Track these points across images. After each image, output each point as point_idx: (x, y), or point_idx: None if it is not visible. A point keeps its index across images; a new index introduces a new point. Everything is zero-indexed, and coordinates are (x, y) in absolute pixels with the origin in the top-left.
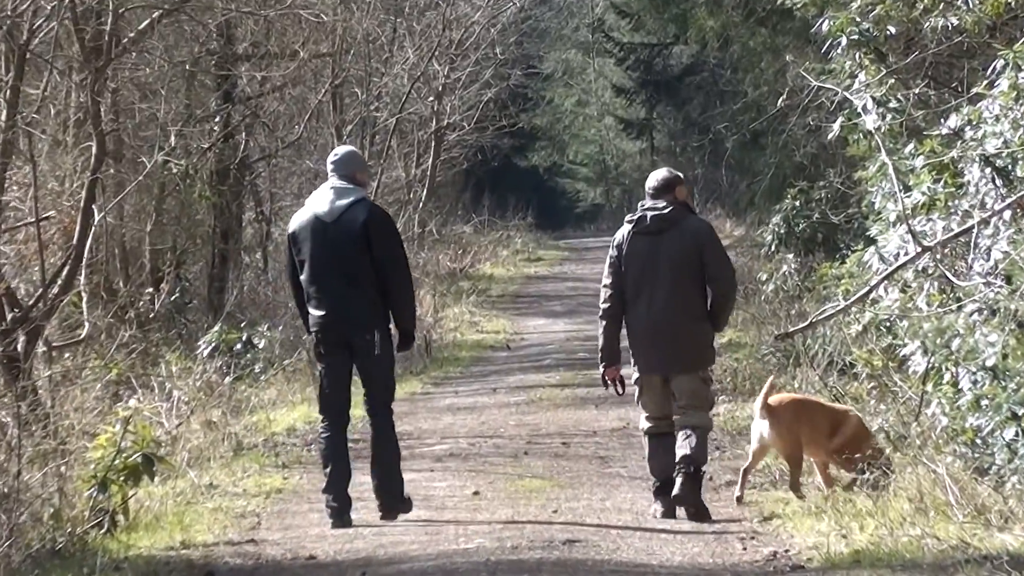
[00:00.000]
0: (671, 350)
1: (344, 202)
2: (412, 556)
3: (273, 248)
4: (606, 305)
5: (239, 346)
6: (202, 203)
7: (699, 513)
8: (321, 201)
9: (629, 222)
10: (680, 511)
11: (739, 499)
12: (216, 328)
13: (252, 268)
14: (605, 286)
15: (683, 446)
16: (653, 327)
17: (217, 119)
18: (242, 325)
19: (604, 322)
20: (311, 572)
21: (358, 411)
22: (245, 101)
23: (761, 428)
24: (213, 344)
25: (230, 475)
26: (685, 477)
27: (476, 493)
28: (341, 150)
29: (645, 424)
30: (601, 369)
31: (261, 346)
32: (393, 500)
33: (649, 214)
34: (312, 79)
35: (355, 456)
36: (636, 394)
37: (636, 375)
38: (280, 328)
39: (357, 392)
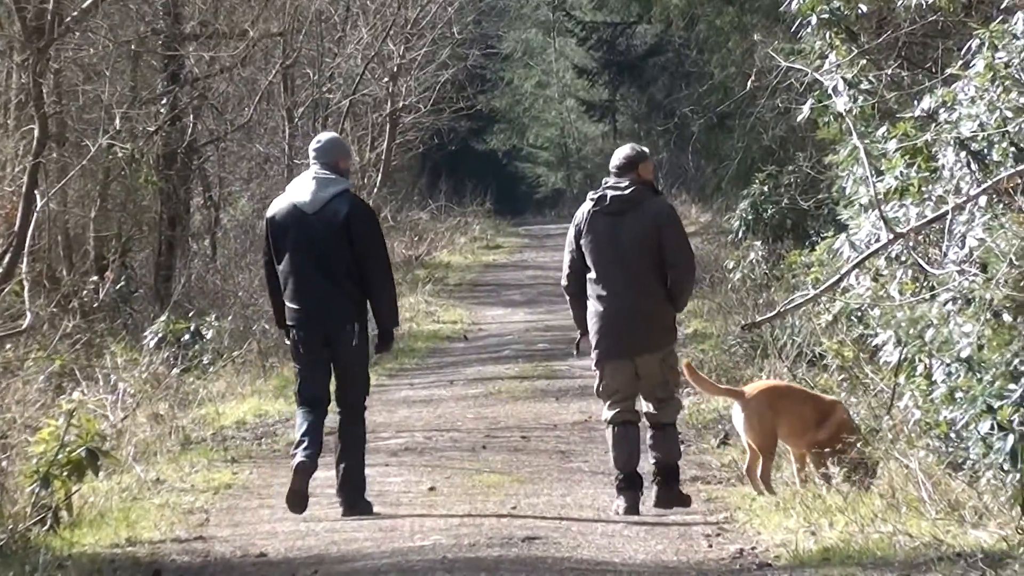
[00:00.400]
0: (632, 331)
1: (326, 193)
2: (366, 554)
3: (222, 235)
4: (565, 283)
5: (187, 337)
6: (148, 188)
7: (680, 503)
8: (302, 190)
9: (591, 199)
10: (644, 507)
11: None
12: (163, 318)
13: (200, 256)
14: (565, 264)
15: (656, 448)
16: (613, 309)
17: (164, 101)
18: (190, 315)
19: (568, 297)
20: (261, 570)
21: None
22: (193, 82)
23: (736, 418)
24: (160, 335)
25: (177, 470)
26: (662, 485)
27: (432, 488)
28: (324, 136)
29: (608, 413)
30: (577, 336)
31: (209, 337)
32: (356, 498)
33: (610, 193)
34: (262, 60)
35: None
36: (596, 381)
37: (595, 359)
38: (229, 318)
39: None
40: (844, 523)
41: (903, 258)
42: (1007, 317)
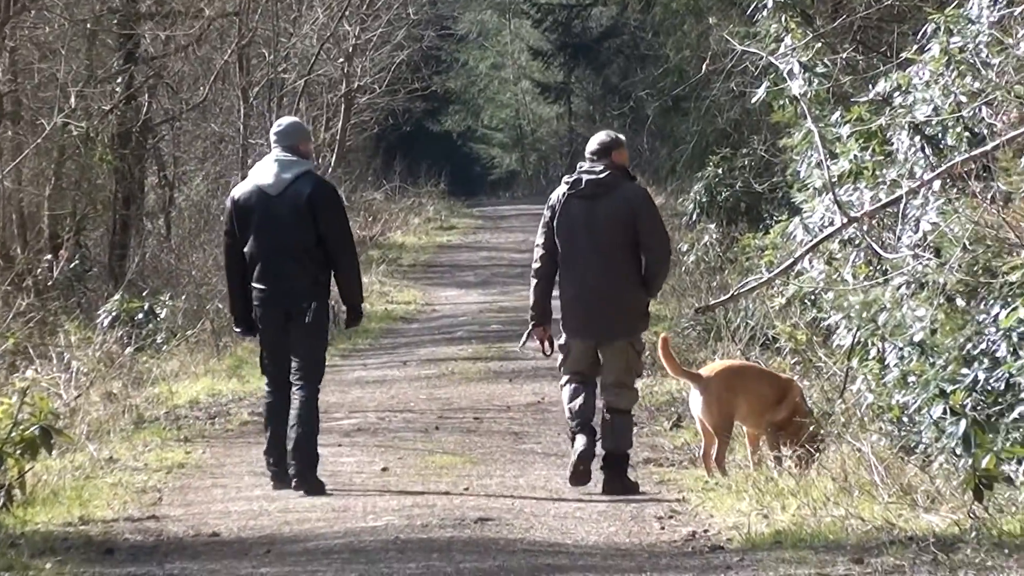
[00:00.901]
0: (603, 316)
1: (289, 175)
2: (318, 534)
3: (176, 214)
4: (537, 265)
5: (140, 316)
6: (103, 167)
7: (627, 492)
8: (265, 173)
9: (566, 183)
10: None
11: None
12: (117, 297)
13: (155, 235)
14: (538, 246)
15: (606, 437)
16: (586, 293)
17: (119, 80)
18: (144, 294)
19: (535, 280)
20: (214, 549)
21: None
22: (148, 61)
23: (693, 399)
24: (114, 313)
25: (131, 449)
26: (609, 473)
27: (385, 469)
28: (284, 121)
29: (564, 378)
30: (530, 327)
31: (163, 316)
32: (307, 472)
33: (585, 177)
34: (218, 39)
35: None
36: (560, 359)
37: (563, 339)
38: (183, 297)
39: None
40: (796, 506)
41: (857, 242)
42: (960, 301)
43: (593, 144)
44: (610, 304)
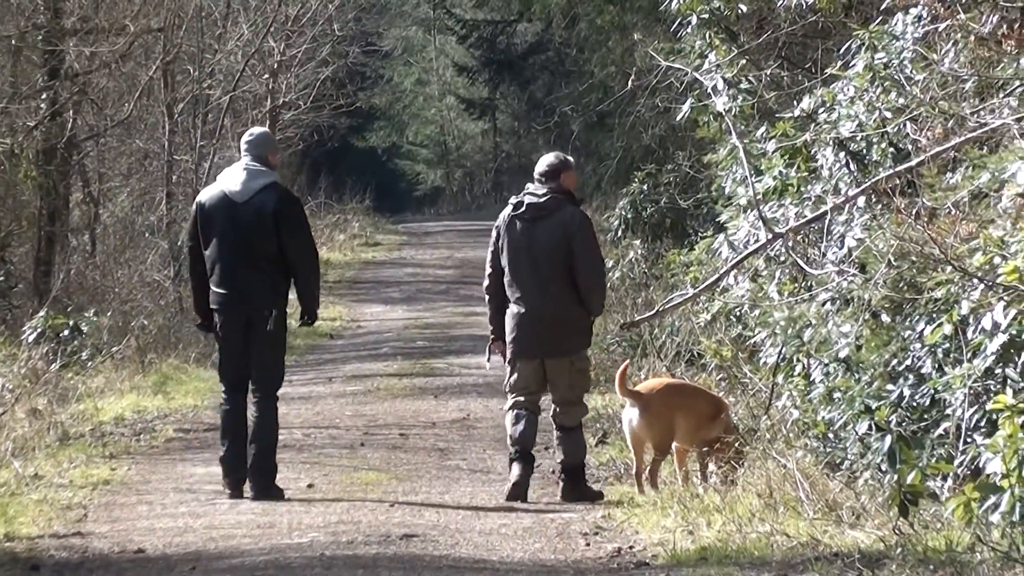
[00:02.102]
0: (544, 335)
1: (256, 184)
2: (244, 550)
3: (101, 230)
4: (486, 284)
5: (66, 332)
6: (28, 183)
7: (587, 499)
8: (233, 180)
9: (510, 204)
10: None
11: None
12: (42, 313)
13: (80, 251)
14: (487, 265)
15: (561, 449)
16: (527, 313)
17: (44, 96)
18: (69, 310)
19: (487, 298)
20: (139, 566)
21: None
22: (73, 78)
23: (631, 417)
24: (39, 330)
25: (56, 466)
26: (567, 483)
27: (311, 486)
28: (256, 131)
29: (510, 402)
30: (489, 342)
31: (87, 332)
32: (267, 482)
33: (526, 200)
34: (143, 55)
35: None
36: (506, 377)
37: (509, 356)
38: (108, 314)
39: None
40: (722, 522)
41: (782, 258)
42: (885, 317)
43: (542, 166)
44: (550, 324)
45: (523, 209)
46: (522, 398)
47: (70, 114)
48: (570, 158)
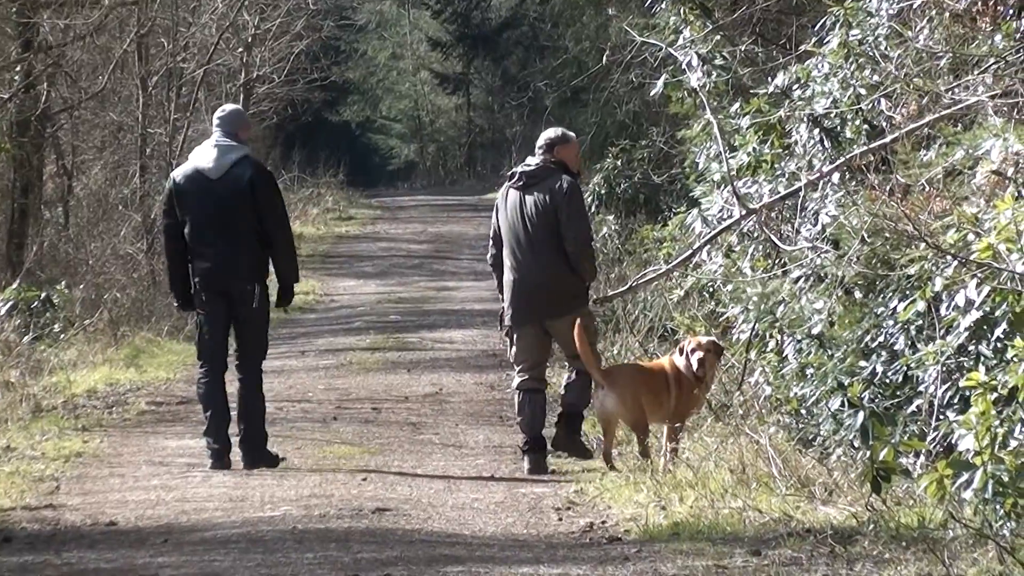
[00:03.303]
0: (540, 300)
1: (228, 159)
2: (216, 523)
3: (75, 203)
4: (489, 255)
5: (37, 304)
6: (1, 156)
7: (576, 453)
8: (205, 157)
9: (508, 176)
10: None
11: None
12: (14, 286)
13: (53, 224)
14: (489, 237)
15: (569, 391)
16: (521, 280)
17: (17, 68)
18: (42, 283)
19: (492, 268)
20: (111, 539)
21: None
22: (47, 50)
23: (601, 397)
24: (11, 302)
25: (28, 438)
26: (562, 428)
27: (283, 459)
28: (227, 107)
29: (516, 379)
30: (501, 310)
31: (59, 304)
32: (257, 453)
33: (519, 170)
34: (117, 28)
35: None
36: (508, 348)
37: (507, 327)
38: (81, 287)
39: None
40: (694, 498)
41: (755, 234)
42: (858, 294)
43: (541, 139)
44: (544, 290)
45: (516, 179)
46: (527, 374)
47: (44, 86)
48: (571, 133)
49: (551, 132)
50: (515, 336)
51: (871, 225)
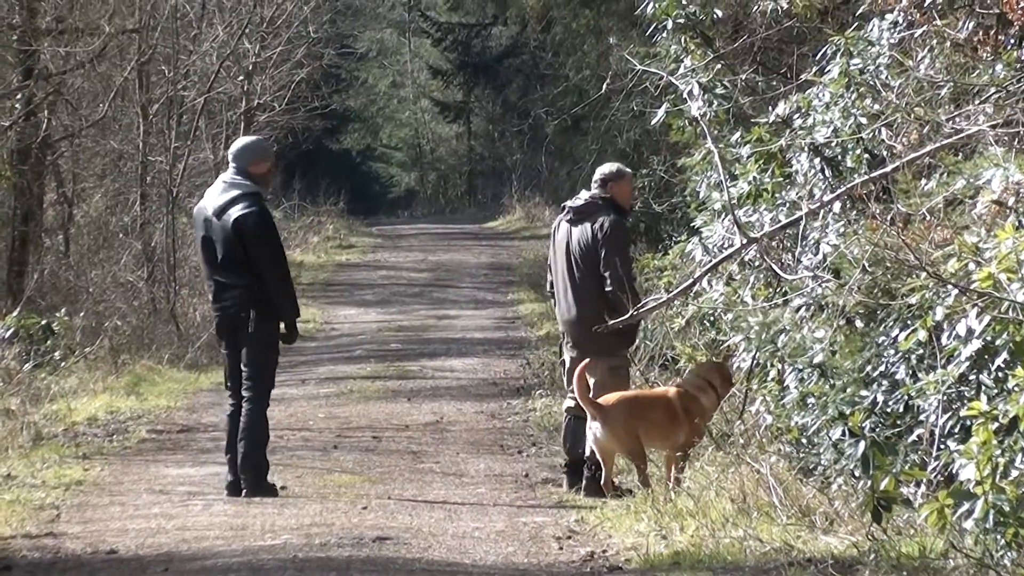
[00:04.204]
0: (578, 336)
1: (226, 197)
2: (216, 552)
3: (75, 231)
4: (548, 283)
5: (38, 332)
6: (2, 183)
7: (599, 494)
8: (212, 193)
9: (561, 209)
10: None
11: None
12: (15, 313)
13: (53, 251)
14: (548, 267)
15: (587, 444)
16: (566, 312)
17: (18, 96)
18: (42, 310)
19: (551, 296)
20: (112, 567)
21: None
22: (48, 78)
23: (594, 430)
24: (12, 330)
25: (28, 466)
26: (590, 478)
27: (283, 488)
28: (241, 141)
29: (567, 403)
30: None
31: (59, 333)
32: (256, 481)
33: (568, 204)
34: (118, 56)
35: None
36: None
37: (557, 351)
38: (81, 315)
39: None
40: (695, 527)
41: (756, 263)
42: (859, 323)
43: (596, 174)
44: (580, 324)
45: (566, 213)
46: (571, 402)
47: (45, 114)
48: (626, 169)
49: (606, 168)
50: (564, 362)
51: (872, 254)
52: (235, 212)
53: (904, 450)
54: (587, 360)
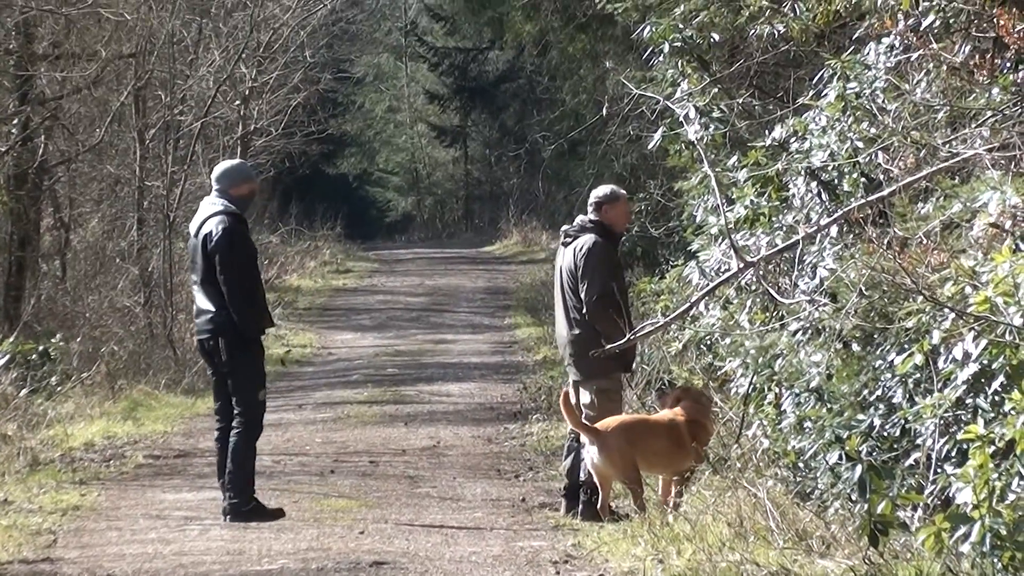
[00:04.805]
0: (566, 357)
1: (203, 216)
2: None
3: (72, 256)
4: None
5: (35, 357)
6: None
7: (596, 519)
8: (197, 214)
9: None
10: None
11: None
12: (11, 339)
13: (50, 277)
14: None
15: (584, 468)
16: (559, 334)
17: (15, 121)
18: (39, 335)
19: None
20: None
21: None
22: (44, 103)
23: (591, 455)
24: (8, 355)
25: (25, 491)
26: (587, 502)
27: (282, 515)
28: (223, 164)
29: (570, 425)
30: None
31: (56, 358)
32: (237, 505)
33: (564, 228)
34: (114, 81)
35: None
36: None
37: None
38: (78, 340)
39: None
40: (692, 551)
41: (753, 287)
42: (856, 347)
43: (591, 197)
44: (572, 345)
45: (562, 236)
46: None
47: (41, 139)
48: (621, 191)
49: (600, 190)
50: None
51: (869, 278)
52: (205, 229)
53: (901, 474)
54: (565, 390)
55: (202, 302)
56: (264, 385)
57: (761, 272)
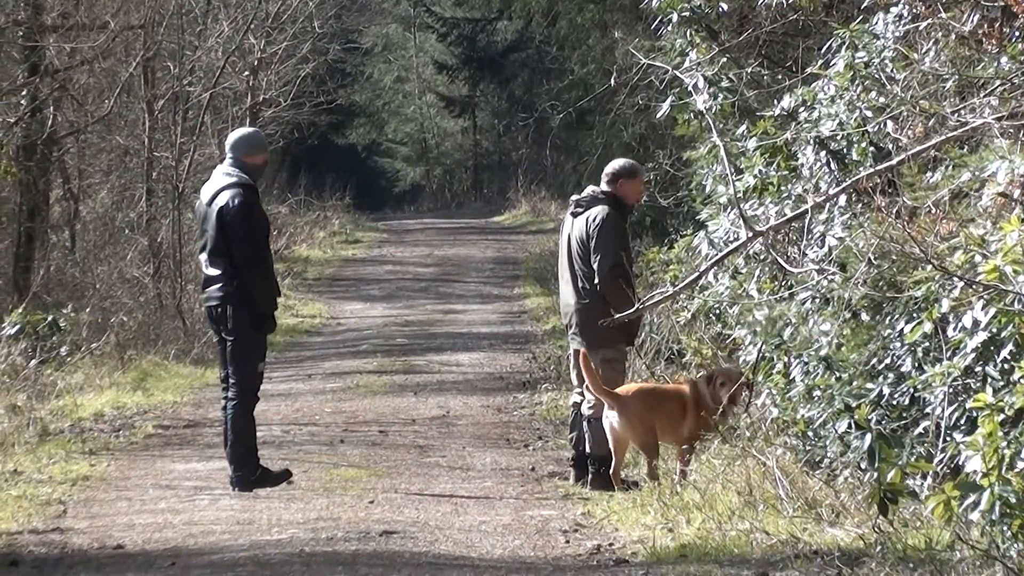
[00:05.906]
0: (572, 327)
1: (216, 185)
2: (223, 547)
3: (81, 227)
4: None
5: (44, 328)
6: (7, 180)
7: (607, 488)
8: (209, 183)
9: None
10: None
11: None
12: (21, 309)
13: (59, 248)
14: None
15: (587, 440)
16: (565, 303)
17: (24, 92)
18: (48, 306)
19: None
20: (118, 562)
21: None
22: (53, 74)
23: (611, 419)
24: (18, 326)
25: (35, 461)
26: (595, 476)
27: (290, 482)
28: (237, 132)
29: (574, 397)
30: None
31: (65, 328)
32: (242, 474)
33: (575, 197)
34: (123, 52)
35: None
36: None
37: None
38: (87, 310)
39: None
40: (701, 520)
41: (762, 256)
42: (865, 316)
43: (608, 168)
44: (579, 314)
45: (571, 206)
46: (577, 397)
47: (50, 110)
48: (639, 167)
49: (618, 163)
50: (571, 354)
51: (878, 247)
52: (220, 200)
53: (910, 442)
54: (583, 351)
55: (210, 270)
56: (264, 358)
57: (770, 241)
